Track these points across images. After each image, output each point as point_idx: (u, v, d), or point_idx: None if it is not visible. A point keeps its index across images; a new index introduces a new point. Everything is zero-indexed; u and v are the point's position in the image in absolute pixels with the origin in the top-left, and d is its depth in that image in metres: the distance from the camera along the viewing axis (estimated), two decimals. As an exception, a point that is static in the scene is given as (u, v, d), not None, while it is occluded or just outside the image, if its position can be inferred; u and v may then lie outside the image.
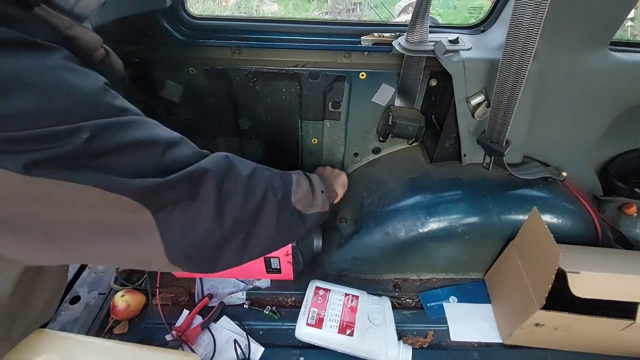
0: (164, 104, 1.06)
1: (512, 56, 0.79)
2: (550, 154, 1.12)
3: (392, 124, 1.04)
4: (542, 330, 0.86)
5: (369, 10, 3.89)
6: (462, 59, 0.91)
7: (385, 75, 1.03)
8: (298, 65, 0.99)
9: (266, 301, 1.04)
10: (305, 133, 1.16)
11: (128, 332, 0.95)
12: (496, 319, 1.00)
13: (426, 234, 1.01)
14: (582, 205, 1.03)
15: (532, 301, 0.83)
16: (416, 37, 0.91)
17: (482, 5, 3.98)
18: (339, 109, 1.10)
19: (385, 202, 1.08)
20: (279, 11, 4.09)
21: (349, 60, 0.99)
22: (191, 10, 0.96)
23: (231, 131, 1.15)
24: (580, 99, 1.00)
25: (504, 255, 1.02)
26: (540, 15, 0.72)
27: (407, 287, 1.09)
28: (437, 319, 1.00)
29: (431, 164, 1.13)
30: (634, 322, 0.80)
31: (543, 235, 0.84)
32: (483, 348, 0.94)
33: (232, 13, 3.90)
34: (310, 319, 0.90)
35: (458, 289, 1.08)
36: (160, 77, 1.01)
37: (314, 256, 1.02)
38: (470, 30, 1.03)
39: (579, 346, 0.91)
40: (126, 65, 0.94)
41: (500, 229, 1.00)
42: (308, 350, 0.91)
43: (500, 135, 0.90)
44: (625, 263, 0.90)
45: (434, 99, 1.09)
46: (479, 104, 0.96)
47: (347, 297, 0.97)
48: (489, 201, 1.01)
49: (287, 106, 1.08)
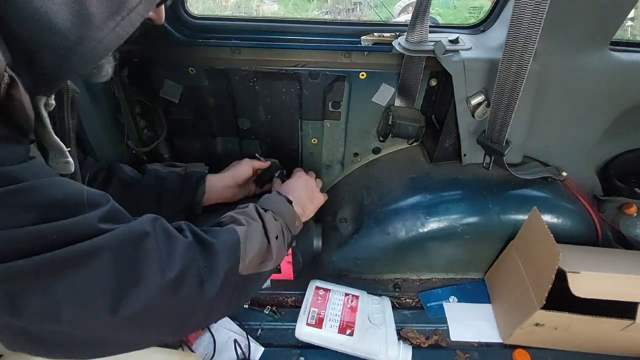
0: (163, 104, 1.06)
1: (512, 56, 0.79)
2: (550, 154, 1.12)
3: (392, 124, 1.04)
4: (542, 330, 0.86)
5: (369, 10, 3.89)
6: (462, 58, 0.91)
7: (385, 75, 1.03)
8: (298, 65, 0.99)
9: (266, 301, 1.04)
10: (305, 133, 1.16)
11: (128, 332, 0.95)
12: (496, 318, 1.00)
13: (426, 233, 1.01)
14: (582, 205, 1.03)
15: (532, 301, 0.83)
16: (416, 37, 0.91)
17: (482, 5, 3.98)
18: (339, 109, 1.10)
19: (385, 202, 1.08)
20: (279, 11, 4.09)
21: (349, 60, 0.99)
22: (191, 10, 0.96)
23: (231, 131, 1.15)
24: (580, 99, 0.99)
25: (503, 255, 1.02)
26: (540, 15, 0.72)
27: (407, 287, 1.09)
28: (437, 318, 1.00)
29: (431, 163, 1.13)
30: (634, 322, 0.80)
31: (543, 235, 0.84)
32: (483, 348, 0.94)
33: (232, 13, 3.90)
34: (310, 318, 0.90)
35: (458, 289, 1.08)
36: (159, 77, 1.01)
37: (314, 256, 1.02)
38: (470, 30, 1.03)
39: (579, 346, 0.91)
40: (125, 65, 0.96)
41: (500, 229, 1.00)
42: (308, 350, 0.91)
43: (500, 135, 0.90)
44: (625, 263, 0.90)
45: (434, 99, 1.09)
46: (479, 104, 0.96)
47: (347, 297, 0.97)
48: (489, 201, 1.00)
49: (287, 106, 1.08)
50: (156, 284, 0.42)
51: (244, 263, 0.54)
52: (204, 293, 0.47)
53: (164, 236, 0.46)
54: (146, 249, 0.43)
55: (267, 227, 0.61)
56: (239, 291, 0.54)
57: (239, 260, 0.53)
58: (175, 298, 0.44)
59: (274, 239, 0.61)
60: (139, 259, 0.42)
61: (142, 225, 0.44)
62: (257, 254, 0.57)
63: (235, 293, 0.53)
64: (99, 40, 0.40)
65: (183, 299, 0.45)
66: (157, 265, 0.43)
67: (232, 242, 0.54)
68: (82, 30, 0.38)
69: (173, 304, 0.45)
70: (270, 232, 0.61)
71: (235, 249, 0.53)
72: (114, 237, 0.40)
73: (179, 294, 0.45)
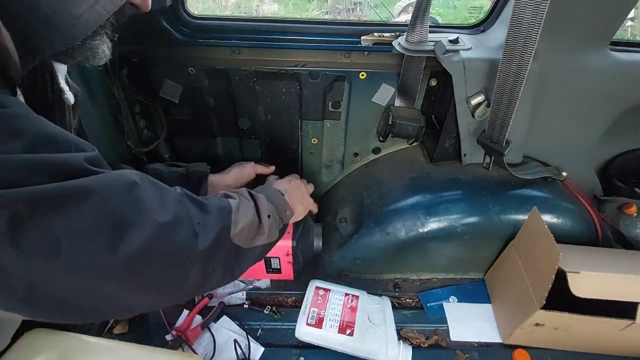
0: (163, 104, 1.05)
1: (512, 56, 0.79)
2: (550, 154, 1.12)
3: (392, 124, 1.04)
4: (542, 330, 0.86)
5: (369, 10, 3.89)
6: (462, 58, 0.91)
7: (385, 75, 1.03)
8: (298, 65, 0.99)
9: (266, 301, 1.04)
10: (305, 133, 1.16)
11: (128, 332, 0.95)
12: (496, 318, 1.00)
13: (426, 233, 1.01)
14: (582, 205, 1.03)
15: (532, 301, 0.83)
16: (416, 37, 0.91)
17: (482, 5, 3.98)
18: (339, 108, 1.10)
19: (385, 202, 1.08)
20: (279, 11, 4.09)
21: (349, 60, 0.99)
22: (191, 10, 0.96)
23: (231, 131, 1.15)
24: (580, 98, 1.00)
25: (503, 255, 1.02)
26: (540, 15, 0.72)
27: (407, 287, 1.09)
28: (437, 318, 1.00)
29: (431, 164, 1.13)
30: (634, 322, 0.80)
31: (543, 235, 0.84)
32: (483, 348, 0.94)
33: (232, 13, 3.90)
34: (310, 318, 0.90)
35: (458, 289, 1.08)
36: (159, 77, 1.01)
37: (314, 256, 1.02)
38: (470, 30, 1.03)
39: (579, 346, 0.91)
40: (125, 65, 0.96)
41: (500, 229, 1.00)
42: (308, 350, 0.91)
43: (500, 135, 0.90)
44: (625, 263, 0.90)
45: (434, 99, 1.09)
46: (479, 104, 0.96)
47: (347, 297, 0.97)
48: (489, 201, 1.01)
49: (287, 106, 1.08)
50: (151, 225, 0.42)
51: (235, 229, 0.53)
52: (198, 243, 0.47)
53: (153, 186, 0.46)
54: (137, 194, 0.42)
55: (259, 206, 0.61)
56: (233, 260, 0.54)
57: (230, 226, 0.53)
58: (171, 243, 0.44)
59: (266, 218, 0.61)
60: (131, 203, 0.41)
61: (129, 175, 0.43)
62: (248, 226, 0.56)
63: (229, 259, 0.53)
64: (76, 16, 0.40)
65: (178, 244, 0.45)
66: (150, 210, 0.43)
67: (224, 207, 0.54)
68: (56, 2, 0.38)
69: (169, 249, 0.44)
70: (262, 211, 0.61)
71: (227, 215, 0.53)
72: (104, 180, 0.39)
73: (174, 239, 0.44)
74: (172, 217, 0.44)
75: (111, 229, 0.39)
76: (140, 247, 0.40)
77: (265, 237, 0.60)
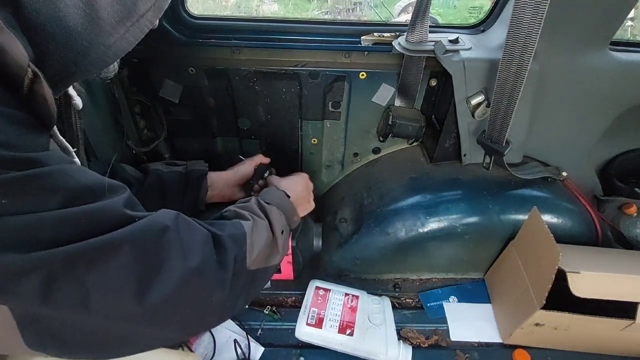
0: (163, 104, 1.05)
1: (512, 56, 0.79)
2: (550, 154, 1.12)
3: (392, 124, 1.04)
4: (542, 330, 0.86)
5: (369, 10, 3.89)
6: (462, 58, 0.91)
7: (385, 75, 1.03)
8: (298, 65, 0.99)
9: (266, 301, 1.04)
10: (305, 133, 1.16)
11: (128, 332, 0.95)
12: (496, 318, 1.00)
13: (426, 233, 1.01)
14: (582, 205, 1.03)
15: (532, 301, 0.83)
16: (416, 37, 0.91)
17: (482, 5, 3.98)
18: (339, 108, 1.10)
19: (385, 202, 1.08)
20: (279, 11, 4.08)
21: (349, 60, 0.99)
22: (191, 10, 0.96)
23: (231, 131, 1.15)
24: (580, 98, 1.00)
25: (503, 255, 1.02)
26: (540, 15, 0.72)
27: (407, 287, 1.09)
28: (437, 318, 1.00)
29: (431, 164, 1.13)
30: (634, 322, 0.80)
31: (543, 235, 0.84)
32: (483, 348, 0.94)
33: (232, 13, 3.90)
34: (310, 318, 0.90)
35: (458, 289, 1.08)
36: (159, 77, 1.01)
37: (314, 256, 1.02)
38: (470, 30, 1.03)
39: (579, 346, 0.91)
40: (125, 65, 0.95)
41: (500, 229, 1.00)
42: (308, 350, 0.91)
43: (500, 135, 0.90)
44: (625, 263, 0.90)
45: (434, 99, 1.09)
46: (479, 104, 0.96)
47: (347, 296, 0.97)
48: (489, 201, 1.00)
49: (287, 106, 1.08)
50: (180, 271, 0.43)
51: (250, 257, 0.54)
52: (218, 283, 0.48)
53: (187, 227, 0.47)
54: (168, 239, 0.43)
55: (272, 222, 0.61)
56: (249, 285, 0.55)
57: (246, 255, 0.53)
58: (196, 288, 0.45)
59: (280, 234, 0.61)
60: (160, 249, 0.42)
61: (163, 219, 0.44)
62: (263, 248, 0.57)
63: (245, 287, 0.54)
64: (108, 46, 0.41)
65: (202, 289, 0.46)
66: (178, 255, 0.43)
67: (239, 236, 0.54)
68: (93, 34, 0.39)
69: (194, 294, 0.45)
70: (275, 227, 0.61)
71: (242, 243, 0.53)
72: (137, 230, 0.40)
73: (200, 284, 0.45)
74: (199, 261, 0.45)
75: (140, 276, 0.40)
76: (167, 295, 0.41)
77: (279, 257, 0.62)
